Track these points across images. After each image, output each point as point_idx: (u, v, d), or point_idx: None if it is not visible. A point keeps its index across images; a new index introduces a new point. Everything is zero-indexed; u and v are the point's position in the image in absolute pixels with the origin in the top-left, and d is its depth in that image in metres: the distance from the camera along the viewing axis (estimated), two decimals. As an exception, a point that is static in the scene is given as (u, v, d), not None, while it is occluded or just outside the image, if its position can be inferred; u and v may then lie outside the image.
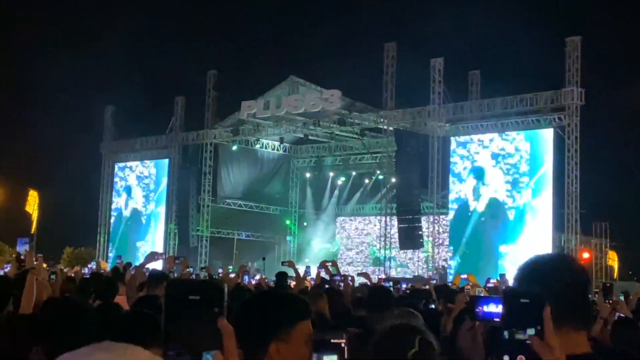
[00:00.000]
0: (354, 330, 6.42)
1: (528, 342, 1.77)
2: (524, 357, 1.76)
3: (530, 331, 1.77)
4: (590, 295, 2.58)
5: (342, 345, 1.82)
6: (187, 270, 14.88)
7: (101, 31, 51.22)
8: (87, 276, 14.05)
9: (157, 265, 16.99)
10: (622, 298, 10.51)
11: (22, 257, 7.52)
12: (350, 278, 13.00)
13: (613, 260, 36.87)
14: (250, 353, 2.45)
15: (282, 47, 50.93)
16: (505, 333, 1.78)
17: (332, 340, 1.81)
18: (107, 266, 30.55)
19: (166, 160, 40.95)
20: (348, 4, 51.30)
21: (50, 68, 47.48)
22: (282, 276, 12.41)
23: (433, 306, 8.77)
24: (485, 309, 2.16)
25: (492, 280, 18.53)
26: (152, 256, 11.12)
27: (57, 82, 48.35)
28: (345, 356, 1.82)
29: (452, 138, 32.88)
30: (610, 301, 8.26)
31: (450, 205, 32.93)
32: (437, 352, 3.11)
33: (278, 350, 2.44)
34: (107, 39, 51.73)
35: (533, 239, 29.49)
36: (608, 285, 10.08)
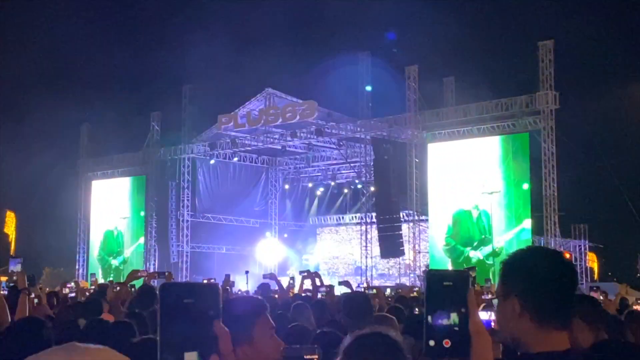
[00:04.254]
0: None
1: (454, 327, 1.73)
2: (449, 341, 1.72)
3: (453, 315, 1.73)
4: (576, 291, 2.49)
5: None
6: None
7: (74, 48, 50.95)
8: (72, 295, 13.94)
9: (139, 282, 16.86)
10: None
11: (14, 277, 7.61)
12: (326, 287, 12.97)
13: (593, 261, 37.09)
14: None
15: (257, 59, 50.94)
16: (429, 318, 1.74)
17: (305, 356, 1.79)
18: (87, 285, 30.29)
19: (144, 177, 40.79)
20: (320, 16, 51.45)
21: (25, 85, 47.22)
22: (264, 288, 12.37)
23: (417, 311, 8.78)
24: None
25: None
26: (134, 274, 11.13)
27: (32, 99, 48.03)
28: None
29: (429, 145, 33.02)
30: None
31: (429, 212, 33.01)
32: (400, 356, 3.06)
33: (245, 353, 2.43)
34: (81, 56, 51.52)
35: (512, 242, 29.63)
36: (595, 288, 10.27)
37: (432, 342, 1.72)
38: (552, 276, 2.35)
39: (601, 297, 10.86)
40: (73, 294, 14.65)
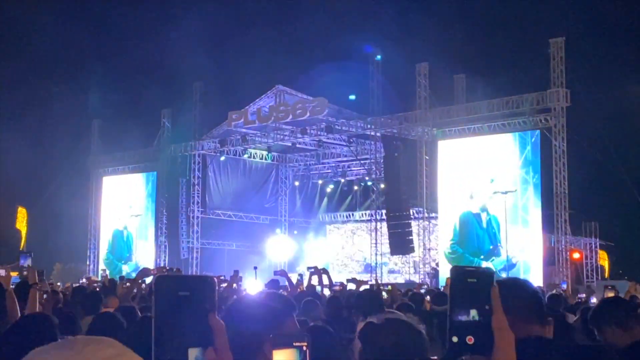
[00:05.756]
0: (348, 336, 6.43)
1: (477, 324, 1.71)
2: (472, 337, 1.71)
3: (476, 312, 1.72)
4: (542, 303, 3.18)
5: (304, 348, 1.79)
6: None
7: (85, 46, 51.11)
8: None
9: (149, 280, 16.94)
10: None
11: (25, 272, 7.74)
12: (338, 284, 13.00)
13: (604, 259, 36.90)
14: None
15: (268, 56, 50.97)
16: (452, 314, 1.73)
17: (294, 343, 1.78)
18: (97, 280, 30.39)
19: (154, 173, 40.86)
20: (332, 12, 51.42)
21: (35, 81, 47.41)
22: (274, 284, 12.39)
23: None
24: None
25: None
26: (145, 272, 11.25)
27: (44, 96, 48.22)
28: (307, 359, 1.79)
29: (439, 142, 32.93)
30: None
31: (439, 210, 32.91)
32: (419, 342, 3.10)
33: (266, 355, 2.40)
34: (92, 53, 51.64)
35: (523, 240, 29.55)
36: (610, 287, 10.34)
37: (455, 339, 1.70)
38: (526, 295, 3.04)
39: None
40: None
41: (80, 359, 1.18)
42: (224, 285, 12.40)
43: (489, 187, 30.73)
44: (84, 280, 24.02)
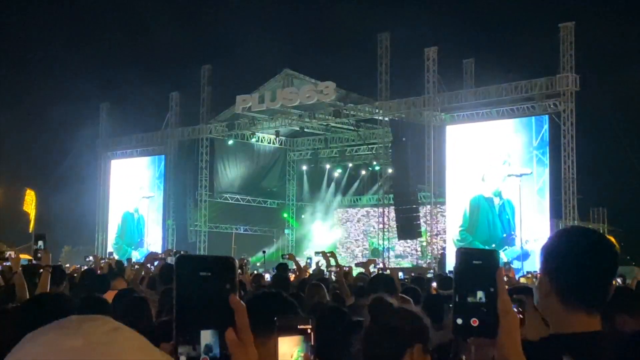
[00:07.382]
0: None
1: (482, 306, 1.70)
2: (477, 320, 1.70)
3: (481, 294, 1.71)
4: (611, 281, 2.47)
5: (309, 331, 1.78)
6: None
7: (95, 28, 51.07)
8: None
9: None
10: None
11: (39, 254, 7.83)
12: (346, 268, 12.97)
13: (611, 245, 36.80)
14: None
15: (276, 40, 50.88)
16: (457, 296, 1.71)
17: (299, 326, 1.77)
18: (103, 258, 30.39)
19: (162, 156, 40.89)
20: (340, -4, 51.30)
21: (45, 64, 47.47)
22: (282, 268, 12.44)
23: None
24: None
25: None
26: (153, 256, 11.33)
27: (52, 78, 48.27)
28: (312, 342, 1.78)
29: (447, 127, 32.84)
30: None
31: (447, 195, 32.86)
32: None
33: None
34: (101, 36, 51.63)
35: (530, 225, 29.46)
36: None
37: (459, 321, 1.70)
38: (579, 258, 2.37)
39: (619, 280, 10.84)
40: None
41: (79, 336, 1.17)
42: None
43: (501, 170, 30.44)
44: (91, 258, 23.97)
